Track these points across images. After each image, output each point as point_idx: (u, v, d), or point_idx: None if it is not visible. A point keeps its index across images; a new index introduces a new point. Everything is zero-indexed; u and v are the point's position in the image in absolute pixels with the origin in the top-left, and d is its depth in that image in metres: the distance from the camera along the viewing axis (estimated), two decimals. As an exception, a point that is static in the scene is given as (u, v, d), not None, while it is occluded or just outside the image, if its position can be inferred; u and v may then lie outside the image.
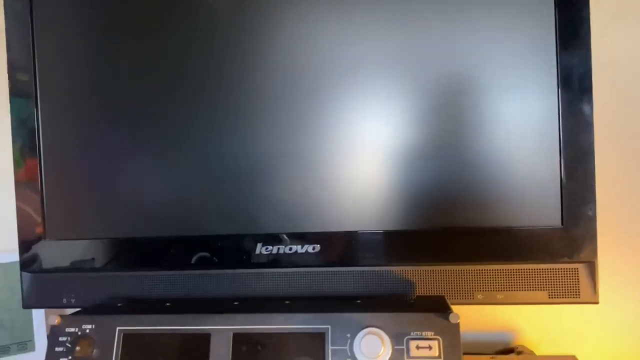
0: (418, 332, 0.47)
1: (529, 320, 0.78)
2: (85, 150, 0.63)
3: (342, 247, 0.59)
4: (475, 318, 0.76)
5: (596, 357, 0.74)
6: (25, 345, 0.72)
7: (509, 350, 0.76)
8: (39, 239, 0.64)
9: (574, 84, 0.55)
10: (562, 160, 0.56)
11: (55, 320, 0.52)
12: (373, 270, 0.59)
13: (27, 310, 0.73)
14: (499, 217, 0.57)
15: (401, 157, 0.58)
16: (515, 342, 0.78)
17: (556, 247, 0.56)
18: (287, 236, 0.59)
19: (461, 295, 0.58)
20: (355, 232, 0.58)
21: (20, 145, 0.64)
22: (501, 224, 0.57)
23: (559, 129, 0.56)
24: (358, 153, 0.58)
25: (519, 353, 0.73)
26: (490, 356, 0.70)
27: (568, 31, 0.55)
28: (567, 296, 0.57)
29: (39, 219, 0.64)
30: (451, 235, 0.58)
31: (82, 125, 0.63)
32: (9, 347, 0.71)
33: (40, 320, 0.74)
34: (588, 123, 0.55)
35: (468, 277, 0.58)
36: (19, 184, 0.64)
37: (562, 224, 0.56)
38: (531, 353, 0.74)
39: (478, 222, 0.57)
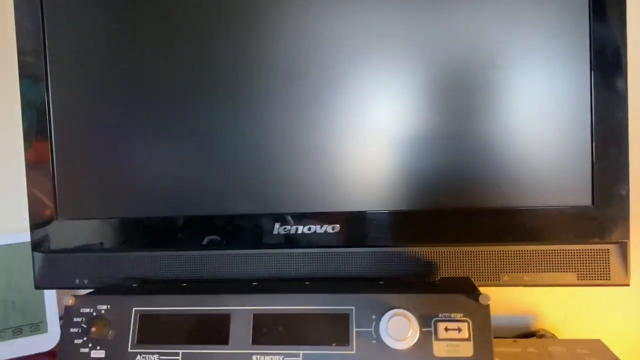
0: (446, 314, 0.46)
1: (549, 304, 0.77)
2: (97, 129, 0.61)
3: (362, 227, 0.57)
4: (495, 301, 0.74)
5: (622, 341, 0.72)
6: (38, 326, 0.71)
7: (530, 334, 0.74)
8: (50, 218, 0.62)
9: (608, 56, 0.53)
10: (593, 136, 0.53)
11: (70, 301, 0.50)
12: (395, 251, 0.57)
13: (39, 292, 0.72)
14: (526, 196, 0.55)
15: (426, 135, 0.56)
16: (536, 326, 0.77)
17: (586, 227, 0.54)
18: (306, 216, 0.57)
19: (486, 276, 0.56)
20: (376, 211, 0.57)
21: (31, 126, 0.62)
22: (529, 203, 0.55)
23: (590, 103, 0.53)
24: (380, 131, 0.56)
25: (541, 337, 0.72)
26: (513, 339, 0.69)
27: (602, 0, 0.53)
28: (596, 278, 0.55)
29: (50, 199, 0.62)
30: (476, 215, 0.56)
31: (93, 103, 0.61)
32: (22, 329, 0.70)
33: (52, 301, 0.72)
34: (622, 98, 0.53)
35: (493, 258, 0.56)
36: (29, 163, 0.63)
37: (593, 203, 0.54)
38: (553, 337, 0.72)
39: (504, 201, 0.55)
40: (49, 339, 0.72)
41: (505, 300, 0.77)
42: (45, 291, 0.73)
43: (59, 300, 0.73)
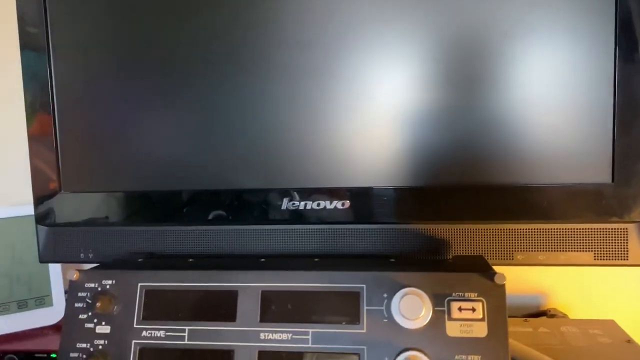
0: (460, 293, 0.44)
1: (560, 283, 0.75)
2: (102, 101, 0.59)
3: (373, 203, 0.56)
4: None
5: (636, 322, 0.71)
6: (43, 300, 0.71)
7: (540, 314, 0.73)
8: (54, 191, 0.61)
9: (634, 25, 0.50)
10: (616, 110, 0.51)
11: (74, 276, 0.49)
12: (406, 228, 0.56)
13: (43, 265, 0.71)
14: (542, 172, 0.53)
15: (439, 109, 0.54)
16: (547, 305, 0.76)
17: (605, 205, 0.52)
18: (315, 191, 0.56)
19: (500, 255, 0.55)
20: (388, 187, 0.55)
21: (33, 98, 0.61)
22: (545, 180, 0.53)
23: (614, 77, 0.51)
24: (393, 104, 0.54)
25: (552, 316, 0.71)
26: (524, 319, 0.68)
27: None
28: (614, 258, 0.53)
29: (54, 171, 0.61)
30: (490, 192, 0.54)
31: (97, 74, 0.59)
32: (27, 302, 0.70)
33: (57, 275, 0.72)
34: (647, 71, 0.51)
35: (507, 236, 0.55)
36: (32, 136, 0.61)
37: (613, 180, 0.52)
38: (564, 316, 0.71)
39: (519, 178, 0.53)
40: (55, 313, 0.71)
41: (514, 278, 0.75)
42: (50, 265, 0.72)
43: (64, 274, 0.73)
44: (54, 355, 0.64)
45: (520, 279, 0.76)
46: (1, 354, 0.64)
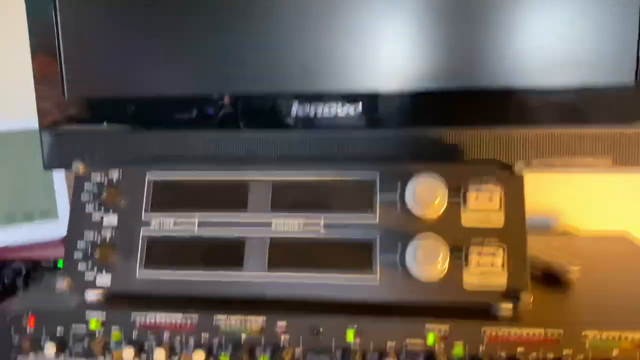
0: (477, 184, 0.43)
1: (570, 204, 0.74)
2: (108, 5, 0.57)
3: (386, 107, 0.54)
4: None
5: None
6: (47, 212, 0.70)
7: (551, 235, 0.73)
8: (58, 96, 0.59)
9: None
10: (643, 7, 0.49)
11: (80, 169, 0.48)
12: (420, 133, 0.54)
13: (48, 178, 0.70)
14: (559, 74, 0.51)
15: (454, 8, 0.51)
16: (557, 227, 0.75)
17: (626, 107, 0.51)
18: (326, 95, 0.54)
19: (515, 160, 0.53)
20: (401, 91, 0.53)
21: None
22: (565, 81, 0.51)
23: (642, -31, 0.49)
24: (403, 7, 0.52)
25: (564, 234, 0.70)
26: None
27: None
28: (634, 163, 0.52)
29: (57, 74, 0.59)
30: (505, 95, 0.52)
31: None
32: (32, 213, 0.69)
33: (62, 188, 0.71)
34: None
35: (522, 141, 0.53)
36: (34, 41, 0.59)
37: (636, 80, 0.50)
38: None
39: (533, 80, 0.51)
40: (60, 226, 0.70)
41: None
42: (55, 177, 0.71)
43: (69, 188, 0.72)
44: (60, 265, 0.64)
45: (529, 202, 0.75)
46: (8, 262, 0.64)
